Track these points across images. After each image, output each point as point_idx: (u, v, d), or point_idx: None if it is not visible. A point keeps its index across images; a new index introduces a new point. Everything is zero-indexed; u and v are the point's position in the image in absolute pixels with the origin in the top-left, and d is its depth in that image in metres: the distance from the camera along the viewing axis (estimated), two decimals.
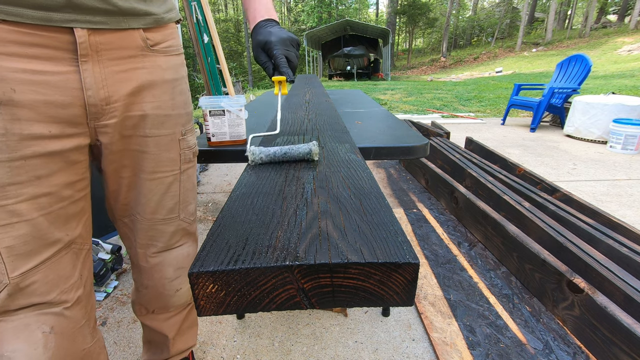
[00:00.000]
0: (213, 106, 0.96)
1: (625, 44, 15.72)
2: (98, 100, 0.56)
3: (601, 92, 6.32)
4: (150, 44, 0.62)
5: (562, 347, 1.14)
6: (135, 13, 0.58)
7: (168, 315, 0.88)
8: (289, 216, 0.38)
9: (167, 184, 0.72)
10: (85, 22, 0.51)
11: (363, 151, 1.02)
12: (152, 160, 0.67)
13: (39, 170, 0.51)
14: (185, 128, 0.73)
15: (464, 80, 14.12)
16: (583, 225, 1.59)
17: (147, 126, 0.64)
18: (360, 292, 0.31)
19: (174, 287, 0.82)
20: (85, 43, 0.52)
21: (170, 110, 0.68)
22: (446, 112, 5.99)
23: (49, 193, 0.53)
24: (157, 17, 0.62)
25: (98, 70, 0.55)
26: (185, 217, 0.79)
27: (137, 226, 0.73)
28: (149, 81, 0.62)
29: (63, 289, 0.58)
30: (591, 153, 3.44)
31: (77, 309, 0.61)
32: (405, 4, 25.50)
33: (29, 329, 0.54)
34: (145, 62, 0.61)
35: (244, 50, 25.38)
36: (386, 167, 3.11)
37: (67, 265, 0.59)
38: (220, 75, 3.68)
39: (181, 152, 0.72)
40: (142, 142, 0.65)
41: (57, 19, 0.49)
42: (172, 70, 0.67)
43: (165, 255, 0.78)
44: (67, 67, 0.52)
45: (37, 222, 0.53)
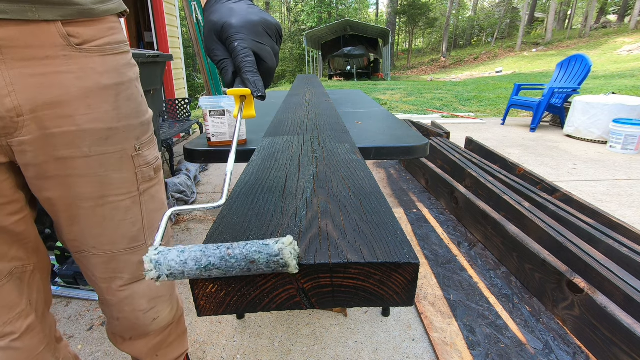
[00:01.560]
0: (213, 106, 0.96)
1: (625, 44, 15.72)
2: (4, 111, 0.45)
3: (601, 92, 6.32)
4: (75, 42, 0.48)
5: (562, 347, 1.14)
6: (49, 1, 0.45)
7: (148, 340, 0.77)
8: (289, 216, 0.38)
9: (123, 209, 0.60)
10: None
11: (363, 151, 1.02)
12: (95, 184, 0.55)
13: None
14: (139, 142, 0.60)
15: (464, 80, 14.12)
16: (583, 225, 1.59)
17: (86, 144, 0.52)
18: (360, 292, 0.31)
19: (149, 318, 0.71)
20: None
21: (115, 123, 0.55)
22: (446, 112, 5.99)
23: None
24: (82, 7, 0.48)
25: (1, 73, 0.43)
26: None
27: (92, 261, 0.62)
28: (80, 88, 0.50)
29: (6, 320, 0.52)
30: (591, 153, 3.44)
31: (29, 338, 0.55)
32: (405, 4, 25.51)
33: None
34: (70, 65, 0.48)
35: None
36: (386, 167, 3.11)
37: (9, 294, 0.52)
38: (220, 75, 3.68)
39: (137, 170, 0.60)
40: (82, 164, 0.53)
41: None
42: (112, 73, 0.54)
43: (134, 287, 0.66)
44: None
45: None
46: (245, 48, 0.41)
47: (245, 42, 0.41)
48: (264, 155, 0.63)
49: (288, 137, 0.77)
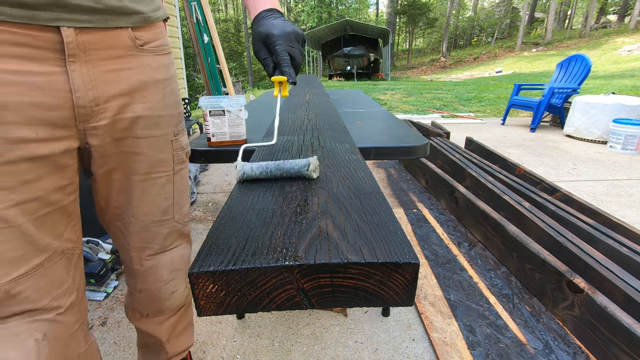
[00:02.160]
0: (213, 106, 0.96)
1: (625, 44, 15.72)
2: (87, 101, 0.54)
3: (601, 92, 6.32)
4: (139, 43, 0.60)
5: (562, 347, 1.14)
6: (124, 11, 0.56)
7: (162, 318, 0.86)
8: (289, 216, 0.38)
9: (160, 185, 0.70)
10: (72, 21, 0.49)
11: (363, 151, 1.02)
12: (145, 161, 0.66)
13: (26, 175, 0.50)
14: (177, 128, 0.71)
15: (464, 80, 14.12)
16: (583, 225, 1.59)
17: (140, 127, 0.63)
18: (360, 292, 0.31)
19: (169, 290, 0.80)
20: (72, 43, 0.50)
21: (162, 111, 0.66)
22: (446, 112, 5.99)
23: (36, 198, 0.52)
24: (145, 15, 0.60)
25: (86, 70, 0.53)
26: (179, 219, 0.77)
27: (130, 229, 0.72)
28: (140, 82, 0.61)
29: (56, 294, 0.57)
30: (591, 153, 3.44)
31: (70, 314, 0.60)
32: (405, 4, 25.50)
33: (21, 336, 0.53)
34: (134, 62, 0.60)
35: (244, 50, 25.39)
36: (386, 167, 3.11)
37: (60, 271, 0.58)
38: (220, 75, 3.69)
39: (174, 152, 0.71)
40: (134, 143, 0.64)
41: (44, 17, 0.47)
42: (162, 69, 0.66)
43: (159, 257, 0.77)
44: (53, 67, 0.50)
45: (24, 228, 0.51)
46: (283, 50, 0.62)
47: (282, 46, 0.62)
48: (264, 155, 0.63)
49: (288, 137, 0.77)
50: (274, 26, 0.64)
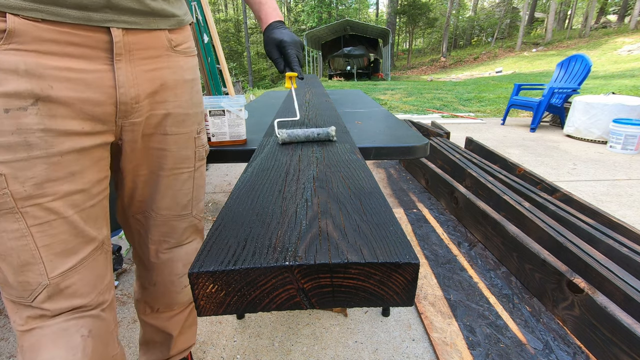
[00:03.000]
0: (213, 106, 0.96)
1: (625, 44, 15.72)
2: (129, 98, 0.57)
3: (601, 92, 6.32)
4: (173, 44, 0.64)
5: (562, 347, 1.14)
6: (164, 14, 0.60)
7: (172, 314, 0.88)
8: (289, 216, 0.38)
9: (182, 180, 0.73)
10: (121, 22, 0.53)
11: (363, 151, 1.02)
12: (171, 157, 0.69)
13: (73, 166, 0.52)
14: (199, 127, 0.75)
15: (464, 80, 14.12)
16: (583, 225, 1.59)
17: (169, 124, 0.66)
18: (360, 292, 0.31)
19: (182, 283, 0.83)
20: (120, 42, 0.53)
21: (189, 109, 0.70)
22: (446, 112, 5.99)
23: (82, 190, 0.54)
24: (179, 18, 0.64)
25: (130, 69, 0.56)
26: (196, 214, 0.80)
27: (150, 222, 0.74)
28: (172, 80, 0.64)
29: (100, 289, 0.59)
30: (591, 153, 3.44)
31: (110, 311, 0.62)
32: (405, 4, 25.49)
33: (68, 333, 0.54)
34: (169, 62, 0.63)
35: (244, 50, 25.38)
36: (386, 167, 3.11)
37: (101, 265, 0.59)
38: (220, 75, 3.68)
39: (196, 149, 0.74)
40: (163, 140, 0.67)
41: (97, 18, 0.50)
42: (191, 70, 0.69)
43: (175, 251, 0.79)
44: (101, 65, 0.53)
45: (72, 219, 0.53)
46: (293, 54, 0.79)
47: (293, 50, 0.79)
48: (264, 155, 0.63)
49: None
50: (285, 34, 0.79)
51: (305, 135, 0.70)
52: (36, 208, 0.49)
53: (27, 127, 0.47)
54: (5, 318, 1.33)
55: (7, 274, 0.51)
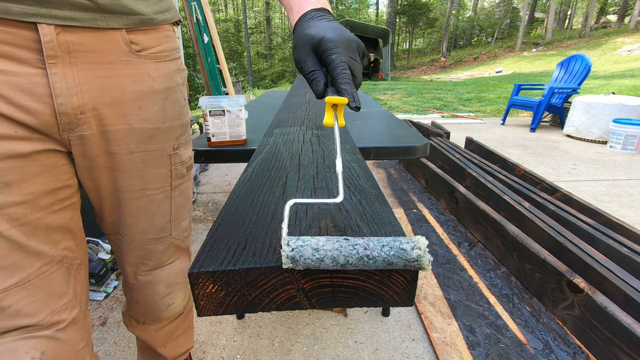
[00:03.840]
0: (213, 106, 0.96)
1: (625, 44, 15.72)
2: (70, 108, 0.49)
3: (601, 92, 6.32)
4: (135, 48, 0.54)
5: (562, 347, 1.14)
6: (117, 11, 0.49)
7: (160, 326, 0.83)
8: (289, 216, 0.38)
9: (156, 202, 0.65)
10: (50, 18, 0.44)
11: (363, 151, 1.02)
12: (138, 178, 0.60)
13: (6, 175, 0.45)
14: (178, 141, 0.65)
15: (464, 80, 14.12)
16: (583, 225, 1.59)
17: (134, 141, 0.57)
18: (360, 292, 0.31)
19: (165, 304, 0.77)
20: (52, 42, 0.45)
21: (161, 124, 0.60)
22: (446, 112, 5.99)
23: (22, 202, 0.47)
24: (144, 17, 0.53)
25: (70, 74, 0.47)
26: (177, 235, 0.73)
27: (124, 246, 0.68)
28: (135, 91, 0.55)
29: (54, 308, 0.52)
30: (591, 153, 3.44)
31: (73, 331, 0.55)
32: (405, 4, 25.49)
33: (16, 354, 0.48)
34: (129, 70, 0.53)
35: (244, 50, 25.39)
36: (386, 167, 3.11)
37: (58, 282, 0.53)
38: (220, 75, 3.68)
39: (172, 167, 0.65)
40: (127, 159, 0.58)
41: (16, 11, 0.42)
42: (163, 78, 0.59)
43: (155, 273, 0.73)
44: (33, 69, 0.45)
45: (10, 234, 0.46)
46: (342, 62, 0.42)
47: (342, 56, 0.43)
48: (264, 155, 0.63)
49: (288, 136, 0.77)
50: (330, 29, 0.45)
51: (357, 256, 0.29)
52: None
53: None
54: None
55: None
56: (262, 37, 29.92)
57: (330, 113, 0.43)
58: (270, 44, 28.39)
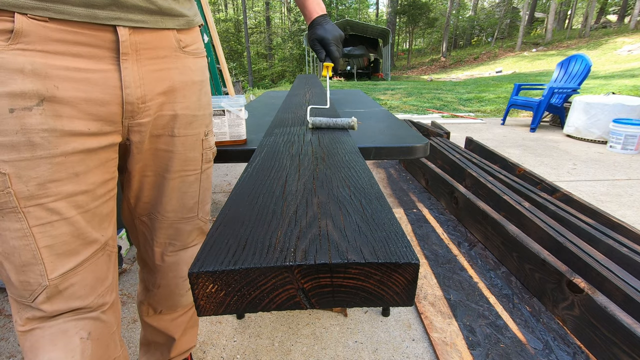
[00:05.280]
0: (213, 106, 0.96)
1: (625, 44, 15.71)
2: (135, 98, 0.56)
3: (601, 92, 6.32)
4: (182, 45, 0.63)
5: (562, 347, 1.14)
6: (172, 14, 0.59)
7: (175, 315, 0.88)
8: (289, 216, 0.38)
9: (188, 183, 0.72)
10: (127, 21, 0.52)
11: (363, 151, 1.02)
12: (178, 159, 0.68)
13: (77, 167, 0.52)
14: (207, 129, 0.74)
15: (464, 80, 14.12)
16: (583, 225, 1.59)
17: (176, 126, 0.65)
18: (360, 292, 0.31)
19: (186, 286, 0.83)
20: (126, 42, 0.53)
21: (197, 111, 0.69)
22: (446, 112, 5.99)
23: (86, 191, 0.53)
24: (188, 19, 0.63)
25: (136, 69, 0.55)
26: (202, 217, 0.79)
27: (156, 225, 0.74)
28: (181, 82, 0.63)
29: (100, 292, 0.58)
30: (591, 153, 3.44)
31: (111, 313, 0.61)
32: (405, 4, 25.47)
33: (67, 335, 0.54)
34: (177, 63, 0.62)
35: (244, 50, 25.39)
36: (386, 167, 3.11)
37: (103, 267, 0.59)
38: (220, 75, 3.68)
39: (203, 152, 0.73)
40: (170, 141, 0.66)
41: (102, 16, 0.49)
42: (199, 71, 0.68)
43: (181, 254, 0.79)
44: (107, 65, 0.52)
45: (75, 220, 0.52)
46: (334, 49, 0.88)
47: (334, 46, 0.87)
48: (265, 155, 0.63)
49: (288, 136, 0.77)
50: (328, 31, 0.87)
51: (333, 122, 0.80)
52: (38, 208, 0.49)
53: (32, 127, 0.47)
54: (5, 318, 1.33)
55: (10, 273, 0.51)
56: (262, 37, 29.92)
57: (325, 70, 0.91)
58: (270, 44, 28.39)
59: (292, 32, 27.39)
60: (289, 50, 26.08)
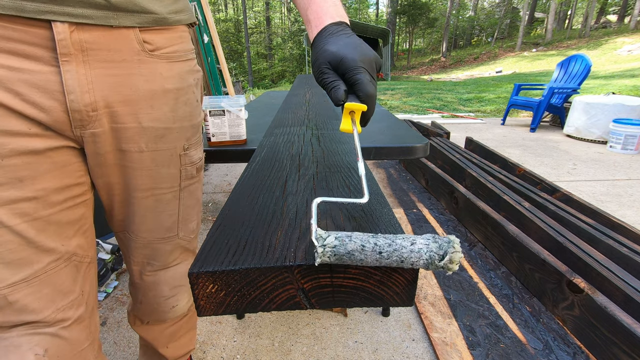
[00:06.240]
0: (213, 106, 0.96)
1: (625, 44, 15.71)
2: (82, 105, 0.49)
3: (601, 92, 6.32)
4: (148, 47, 0.54)
5: (562, 347, 1.14)
6: (129, 9, 0.50)
7: (164, 327, 0.84)
8: (289, 216, 0.38)
9: (165, 201, 0.65)
10: (64, 15, 0.44)
11: (363, 151, 1.02)
12: (147, 177, 0.61)
13: (20, 171, 0.46)
14: (189, 142, 0.65)
15: (464, 80, 14.12)
16: (583, 225, 1.59)
17: (144, 140, 0.57)
18: (360, 292, 0.31)
19: (169, 305, 0.78)
20: (66, 40, 0.45)
21: (171, 123, 0.60)
22: (446, 112, 5.99)
23: (33, 197, 0.47)
24: (158, 16, 0.53)
25: (83, 72, 0.48)
26: (184, 235, 0.73)
27: (131, 244, 0.68)
28: (147, 90, 0.55)
29: (60, 306, 0.52)
30: (591, 153, 3.44)
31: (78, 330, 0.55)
32: (405, 4, 25.48)
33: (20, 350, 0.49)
34: (142, 69, 0.54)
35: (244, 50, 25.39)
36: (386, 167, 3.11)
37: (65, 279, 0.53)
38: (220, 75, 3.68)
39: (182, 168, 0.65)
40: (137, 158, 0.58)
41: (30, 9, 0.42)
42: (175, 78, 0.59)
43: (161, 274, 0.73)
44: (46, 66, 0.45)
45: (20, 229, 0.47)
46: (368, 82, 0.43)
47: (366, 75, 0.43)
48: (265, 155, 0.63)
49: (288, 136, 0.77)
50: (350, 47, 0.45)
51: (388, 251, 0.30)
52: None
53: None
54: None
55: None
56: (262, 37, 29.92)
57: (348, 119, 0.45)
58: (270, 44, 28.39)
59: (292, 32, 27.38)
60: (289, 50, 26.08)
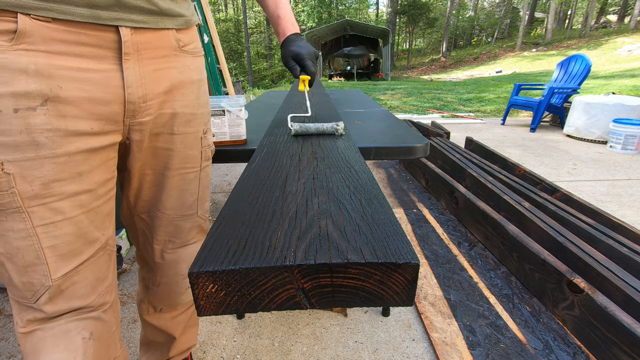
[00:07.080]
0: (213, 106, 0.96)
1: (625, 44, 15.71)
2: (136, 98, 0.57)
3: (601, 92, 6.32)
4: (181, 44, 0.64)
5: (562, 347, 1.14)
6: (171, 14, 0.60)
7: (175, 314, 0.88)
8: (289, 216, 0.38)
9: (188, 180, 0.73)
10: (129, 21, 0.53)
11: (363, 151, 1.02)
12: (177, 157, 0.69)
13: (80, 166, 0.52)
14: (206, 127, 0.75)
15: (464, 80, 14.12)
16: (583, 225, 1.59)
17: (176, 124, 0.66)
18: (360, 292, 0.31)
19: (186, 284, 0.83)
20: (128, 42, 0.54)
21: (196, 109, 0.70)
22: (446, 112, 5.99)
23: (89, 190, 0.54)
24: (187, 18, 0.65)
25: (138, 68, 0.56)
26: (201, 214, 0.80)
27: (155, 222, 0.74)
28: (180, 80, 0.64)
29: (101, 291, 0.58)
30: (591, 153, 3.44)
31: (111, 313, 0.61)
32: (405, 4, 25.46)
33: (69, 335, 0.54)
34: (176, 62, 0.63)
35: (244, 50, 25.38)
36: (386, 167, 3.11)
37: (103, 266, 0.59)
38: (220, 75, 3.68)
39: (202, 149, 0.74)
40: (169, 139, 0.67)
41: (105, 17, 0.50)
42: (198, 70, 0.70)
43: (180, 251, 0.80)
44: (110, 65, 0.53)
45: (78, 220, 0.53)
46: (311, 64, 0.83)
47: (309, 62, 0.83)
48: (265, 155, 0.63)
49: (288, 137, 0.77)
50: (302, 47, 0.84)
51: (315, 128, 0.74)
52: (42, 208, 0.49)
53: (36, 127, 0.47)
54: (5, 318, 1.33)
55: (12, 274, 0.51)
56: (262, 37, 29.91)
57: (302, 85, 0.85)
58: (270, 44, 28.38)
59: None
60: None
